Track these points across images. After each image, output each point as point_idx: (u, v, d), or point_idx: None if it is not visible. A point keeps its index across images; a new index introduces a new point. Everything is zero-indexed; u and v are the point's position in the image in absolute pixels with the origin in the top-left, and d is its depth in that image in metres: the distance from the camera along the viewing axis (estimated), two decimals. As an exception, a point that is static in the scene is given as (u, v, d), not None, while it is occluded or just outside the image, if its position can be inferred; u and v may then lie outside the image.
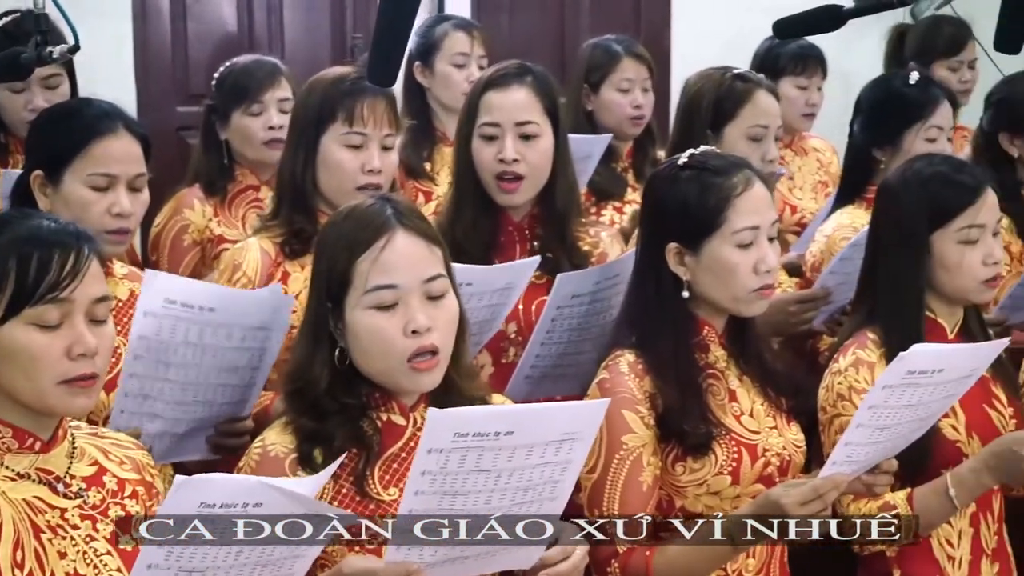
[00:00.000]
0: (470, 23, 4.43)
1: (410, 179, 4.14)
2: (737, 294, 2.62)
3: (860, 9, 3.44)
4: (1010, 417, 2.89)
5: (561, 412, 2.14)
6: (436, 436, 1.99)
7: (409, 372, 2.27)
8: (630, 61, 4.27)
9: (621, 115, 4.24)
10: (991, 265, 2.84)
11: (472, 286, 2.78)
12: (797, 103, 4.52)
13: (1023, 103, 3.93)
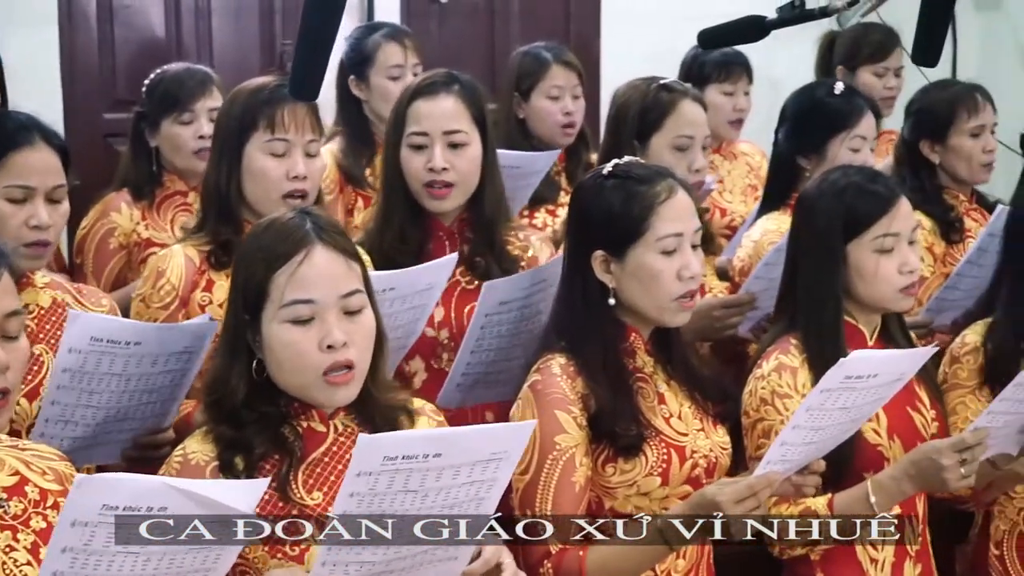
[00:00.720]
0: (401, 32, 4.41)
1: (349, 185, 4.14)
2: (661, 301, 2.65)
3: (782, 20, 3.47)
4: (932, 420, 2.94)
5: (490, 433, 2.17)
6: (366, 460, 2.01)
7: (324, 386, 2.29)
8: (559, 68, 4.29)
9: (552, 123, 4.25)
10: (906, 273, 2.88)
11: (395, 290, 2.81)
12: (724, 110, 4.57)
13: (941, 111, 3.99)
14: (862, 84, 4.74)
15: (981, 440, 2.67)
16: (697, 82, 4.54)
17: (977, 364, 3.06)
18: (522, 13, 5.35)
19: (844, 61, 4.92)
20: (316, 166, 3.05)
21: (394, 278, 2.81)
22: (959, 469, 2.65)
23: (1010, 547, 3.15)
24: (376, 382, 2.38)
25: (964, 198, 4.02)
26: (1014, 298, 3.12)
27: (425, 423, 2.45)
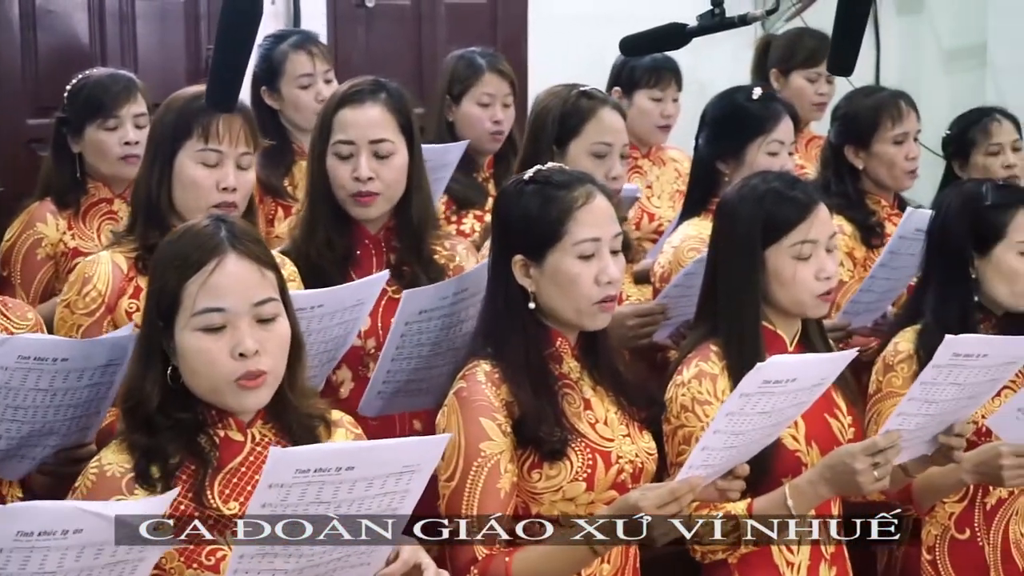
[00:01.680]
0: (308, 40, 4.41)
1: (269, 196, 4.13)
2: (579, 305, 2.66)
3: (703, 28, 3.50)
4: (849, 425, 2.97)
5: (403, 447, 2.18)
6: (278, 472, 2.02)
7: (236, 391, 2.30)
8: (492, 76, 4.30)
9: (480, 129, 4.27)
10: (824, 280, 2.90)
11: (323, 307, 2.81)
12: (652, 115, 4.59)
13: (865, 118, 4.03)
14: (795, 88, 4.80)
15: (893, 443, 2.71)
16: (627, 87, 4.58)
17: (911, 371, 3.09)
18: (449, 17, 5.35)
19: (778, 64, 4.98)
20: (247, 178, 3.03)
21: (323, 296, 2.82)
22: (872, 472, 2.68)
23: (942, 552, 3.19)
24: (294, 391, 2.39)
25: (886, 203, 4.07)
26: (941, 303, 3.17)
27: (343, 435, 2.46)
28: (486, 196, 4.17)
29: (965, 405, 2.85)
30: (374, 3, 5.15)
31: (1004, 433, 2.92)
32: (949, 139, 4.38)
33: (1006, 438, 2.92)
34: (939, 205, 3.30)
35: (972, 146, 4.30)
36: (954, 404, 2.82)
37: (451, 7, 5.35)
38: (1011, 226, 3.17)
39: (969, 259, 3.18)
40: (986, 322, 3.14)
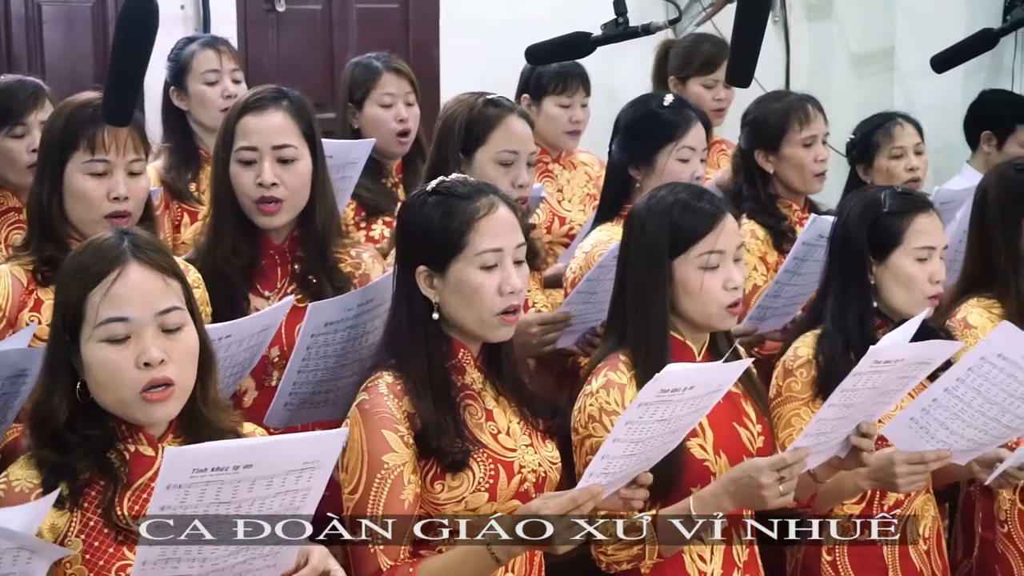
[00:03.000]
0: (216, 39, 4.43)
1: (175, 201, 4.10)
2: (483, 316, 2.67)
3: (607, 37, 3.54)
4: (759, 434, 2.99)
5: (300, 443, 2.16)
6: (174, 473, 2.01)
7: (142, 404, 2.28)
8: (390, 76, 4.30)
9: (386, 131, 4.26)
10: (731, 290, 2.92)
11: (231, 337, 2.81)
12: (560, 121, 4.60)
13: (774, 122, 4.07)
14: (692, 95, 4.82)
15: (800, 459, 2.73)
16: (535, 94, 4.59)
17: (810, 376, 3.12)
18: (360, 21, 5.34)
19: (676, 72, 5.00)
20: (140, 185, 3.02)
21: (230, 327, 2.83)
22: (777, 487, 2.70)
23: (842, 552, 3.23)
24: (207, 403, 2.37)
25: (797, 207, 4.11)
26: (841, 308, 3.20)
27: None
28: (395, 202, 4.16)
29: (877, 403, 2.89)
30: (284, 7, 5.14)
31: (898, 441, 2.96)
32: (853, 143, 4.43)
33: (899, 446, 2.96)
34: (839, 212, 3.33)
35: (876, 150, 4.35)
36: (868, 406, 2.85)
37: (362, 11, 5.34)
38: (908, 233, 3.21)
39: (868, 265, 3.21)
40: (884, 327, 3.17)
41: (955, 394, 2.89)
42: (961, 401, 2.90)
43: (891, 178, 4.30)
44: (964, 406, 2.91)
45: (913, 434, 2.95)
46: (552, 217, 4.43)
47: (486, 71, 5.26)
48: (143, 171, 3.03)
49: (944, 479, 3.33)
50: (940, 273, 3.24)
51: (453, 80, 5.35)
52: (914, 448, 2.95)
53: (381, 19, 5.40)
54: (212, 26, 5.06)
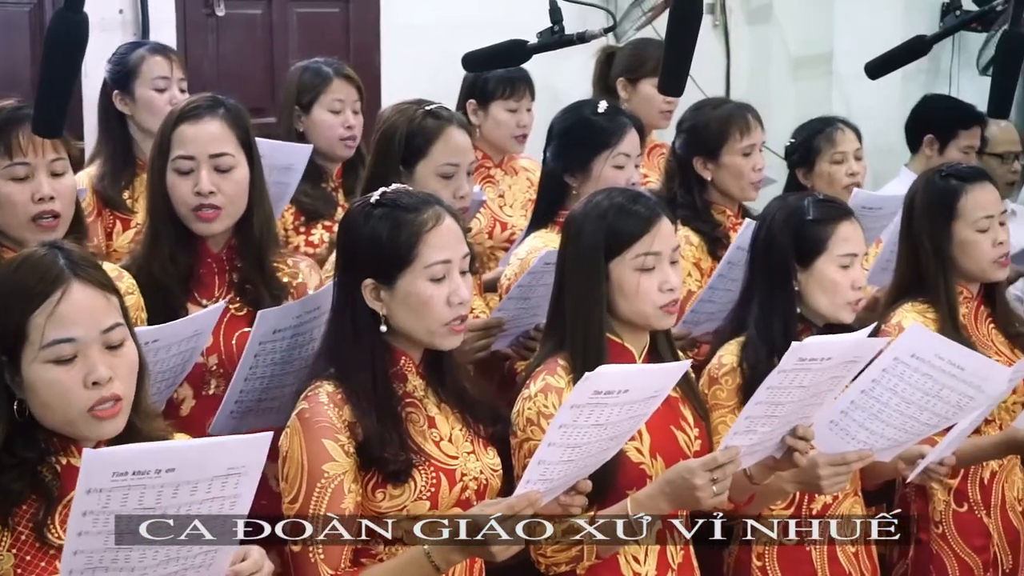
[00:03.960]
0: (166, 47, 4.42)
1: (107, 209, 4.08)
2: (432, 327, 2.68)
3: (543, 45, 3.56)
4: (696, 438, 3.02)
5: (224, 447, 2.14)
6: (94, 476, 1.99)
7: (91, 421, 2.26)
8: (340, 82, 4.32)
9: (332, 136, 4.28)
10: (667, 291, 2.94)
11: (158, 342, 2.80)
12: (508, 125, 4.61)
13: (713, 130, 4.09)
14: (643, 97, 4.84)
15: (732, 458, 2.75)
16: (481, 99, 4.60)
17: (735, 384, 3.15)
18: (301, 26, 5.32)
19: (625, 73, 4.99)
20: (65, 184, 3.00)
21: (157, 332, 2.82)
22: (711, 487, 2.72)
23: (771, 557, 3.26)
24: (139, 413, 2.36)
25: (731, 213, 4.13)
26: (765, 315, 3.23)
27: None
28: (335, 207, 4.17)
29: (810, 403, 2.91)
30: (224, 12, 5.12)
31: (820, 444, 2.98)
32: (793, 147, 4.44)
33: (821, 448, 2.99)
34: (762, 219, 3.35)
35: (816, 154, 4.37)
36: (799, 406, 2.88)
37: (302, 16, 5.32)
38: (832, 240, 3.24)
39: (792, 272, 3.24)
40: (807, 333, 3.21)
41: (872, 395, 2.93)
42: (878, 402, 2.94)
43: (832, 182, 4.33)
44: (882, 406, 2.95)
45: (834, 436, 2.98)
46: (493, 222, 4.44)
47: (428, 76, 5.26)
48: (66, 170, 3.01)
49: (874, 479, 3.37)
50: (861, 279, 3.29)
51: (395, 85, 5.35)
52: (836, 450, 2.99)
53: (321, 24, 5.38)
54: (151, 30, 5.02)
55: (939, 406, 2.96)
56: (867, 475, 3.33)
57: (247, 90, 5.02)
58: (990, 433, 3.56)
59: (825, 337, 3.00)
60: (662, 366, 2.84)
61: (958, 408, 2.99)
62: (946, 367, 2.91)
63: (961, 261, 3.61)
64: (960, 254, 3.61)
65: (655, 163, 4.80)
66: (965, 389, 2.95)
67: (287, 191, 3.86)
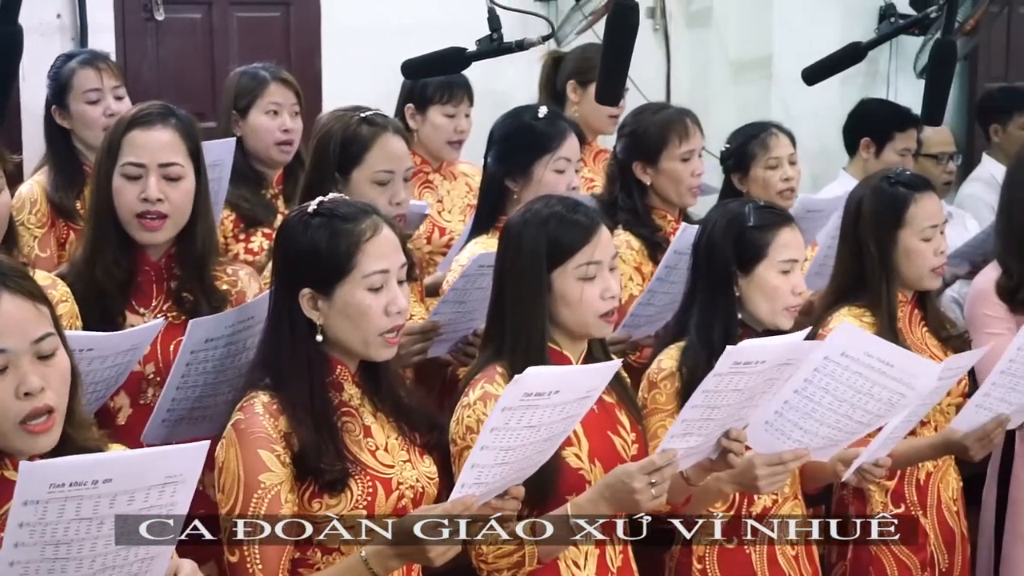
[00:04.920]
0: (96, 56, 4.38)
1: (61, 219, 4.07)
2: (369, 336, 2.69)
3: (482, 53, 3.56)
4: (633, 442, 3.03)
5: (161, 456, 2.15)
6: (31, 488, 1.99)
7: (23, 435, 2.24)
8: (277, 86, 4.32)
9: (269, 140, 4.28)
10: (608, 299, 2.96)
11: (93, 351, 2.79)
12: (446, 131, 4.60)
13: (653, 135, 4.12)
14: (592, 99, 4.84)
15: (670, 461, 2.78)
16: (420, 104, 4.60)
17: (674, 388, 3.17)
18: (241, 29, 5.30)
19: (575, 76, 5.01)
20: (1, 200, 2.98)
21: (94, 340, 2.81)
22: (650, 490, 2.74)
23: (711, 560, 3.29)
24: (72, 423, 2.34)
25: (672, 218, 4.16)
26: (706, 320, 3.25)
27: None
28: (275, 214, 4.17)
29: (746, 406, 2.94)
30: (164, 16, 5.09)
31: (755, 445, 3.01)
32: (728, 153, 4.47)
33: (758, 449, 3.01)
34: (703, 225, 3.38)
35: (751, 160, 4.40)
36: (735, 408, 2.90)
37: (243, 20, 5.30)
38: (772, 246, 3.27)
39: (733, 278, 3.27)
40: (747, 338, 3.21)
41: (805, 395, 2.97)
42: (811, 401, 2.97)
43: (767, 187, 4.36)
44: (815, 406, 2.98)
45: (769, 437, 3.02)
46: (432, 227, 4.44)
47: (369, 80, 5.25)
48: (2, 187, 2.98)
49: (814, 482, 3.40)
50: (801, 285, 3.32)
51: (335, 89, 5.34)
52: (772, 450, 3.01)
53: (262, 28, 5.36)
54: (90, 35, 4.99)
55: (871, 404, 3.00)
56: (807, 478, 3.36)
57: (187, 95, 5.00)
58: (925, 435, 3.61)
59: (759, 340, 3.03)
60: (592, 366, 2.85)
61: (890, 406, 3.02)
62: (876, 364, 2.95)
63: (903, 268, 3.65)
64: (903, 261, 3.64)
65: (600, 168, 4.81)
66: (896, 386, 2.99)
67: (220, 186, 3.84)
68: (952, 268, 4.43)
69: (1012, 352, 3.32)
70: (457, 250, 3.94)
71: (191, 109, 3.31)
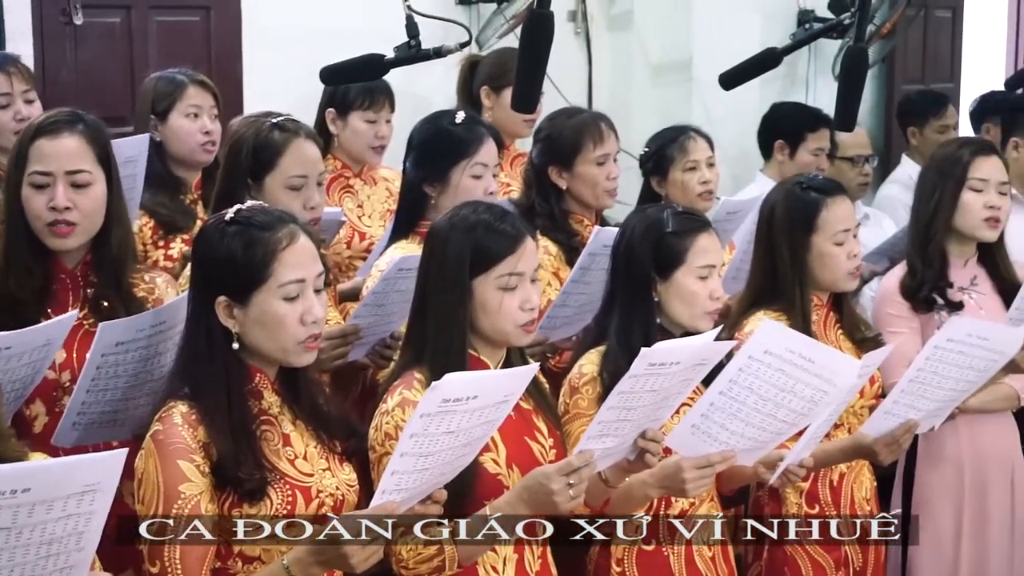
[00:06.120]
0: (6, 60, 4.36)
1: None
2: (286, 345, 2.70)
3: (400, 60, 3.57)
4: (550, 448, 3.06)
5: (79, 465, 2.15)
6: None
7: None
8: (195, 88, 4.31)
9: (191, 142, 4.26)
10: (528, 310, 2.98)
11: (11, 349, 2.78)
12: (366, 136, 4.59)
13: (568, 140, 4.14)
14: (505, 105, 4.84)
15: (587, 462, 2.81)
16: (341, 108, 4.59)
17: (596, 393, 3.18)
18: (160, 33, 5.25)
19: (489, 81, 5.01)
20: None
21: (10, 338, 2.79)
22: (568, 492, 2.77)
23: (630, 561, 3.32)
24: None
25: (589, 222, 4.17)
26: (624, 325, 3.28)
27: None
28: (194, 219, 4.15)
29: (661, 406, 2.98)
30: (82, 20, 5.04)
31: (683, 449, 3.05)
32: (647, 156, 4.51)
33: (685, 453, 3.05)
34: (622, 231, 3.40)
35: (670, 163, 4.44)
36: (651, 409, 2.94)
37: (163, 24, 5.26)
38: (691, 252, 3.30)
39: (652, 283, 3.30)
40: None
41: (730, 395, 3.00)
42: (736, 401, 3.01)
43: (685, 191, 4.41)
44: (740, 406, 3.02)
45: (696, 440, 3.05)
46: (352, 232, 4.45)
47: (290, 84, 5.24)
48: None
49: (731, 484, 3.44)
50: (719, 290, 3.35)
51: (257, 93, 5.32)
52: (699, 453, 3.05)
53: (182, 32, 5.32)
54: (7, 39, 4.94)
55: (794, 402, 3.03)
56: (724, 480, 3.39)
57: (107, 99, 4.97)
58: (839, 437, 3.66)
59: (673, 341, 3.06)
60: (509, 371, 2.87)
61: (813, 403, 3.06)
62: (797, 360, 2.99)
63: (817, 272, 3.70)
64: (817, 265, 3.69)
65: (518, 172, 4.83)
66: (818, 383, 3.03)
67: (135, 183, 3.81)
68: (871, 265, 4.49)
69: (920, 361, 3.37)
70: (377, 255, 3.94)
71: (110, 113, 3.31)
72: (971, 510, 4.09)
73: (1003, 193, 4.04)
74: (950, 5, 7.40)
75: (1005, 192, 4.05)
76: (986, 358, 3.45)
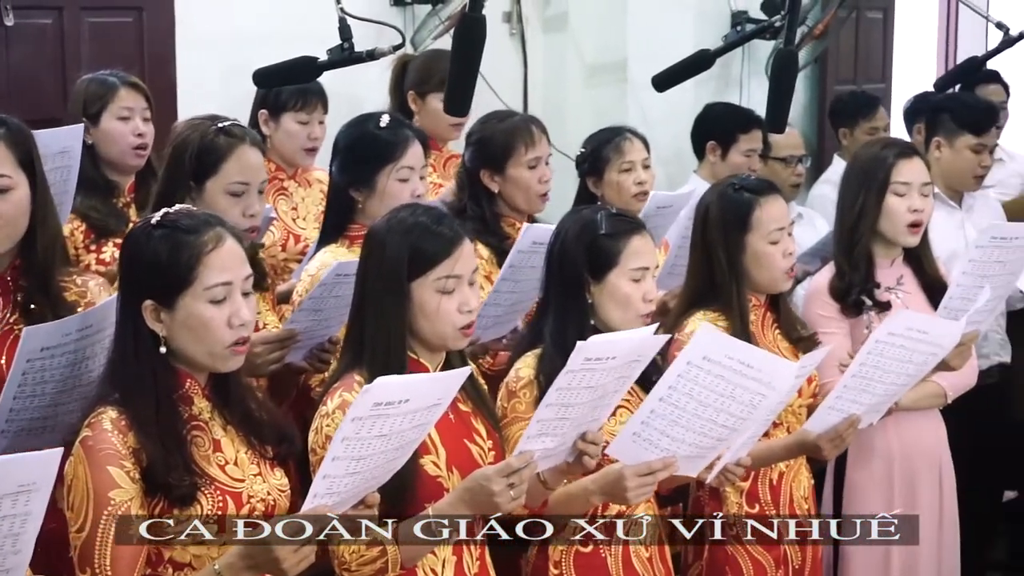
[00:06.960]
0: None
1: None
2: (213, 348, 2.68)
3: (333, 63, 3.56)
4: (489, 450, 3.06)
5: (12, 464, 2.13)
6: None
7: None
8: (127, 90, 4.28)
9: (124, 145, 4.23)
10: (466, 313, 2.98)
11: None
12: (299, 138, 4.58)
13: (499, 143, 4.15)
14: (431, 110, 4.84)
15: (527, 463, 2.81)
16: (274, 110, 4.58)
17: (533, 396, 3.18)
18: (92, 35, 5.19)
19: (414, 87, 4.98)
20: None
21: None
22: (508, 492, 2.78)
23: (568, 563, 3.32)
24: None
25: (520, 226, 4.17)
26: (559, 327, 3.28)
27: None
28: (126, 223, 4.10)
29: (599, 405, 2.99)
30: (13, 21, 4.98)
31: (624, 457, 3.06)
32: (583, 157, 4.52)
33: (626, 461, 3.06)
34: (556, 231, 3.40)
35: (605, 164, 4.46)
36: (589, 407, 2.94)
37: (94, 25, 5.20)
38: (624, 254, 3.30)
39: (585, 285, 3.31)
40: None
41: (670, 402, 3.01)
42: (677, 408, 3.02)
43: (620, 191, 4.42)
44: (680, 412, 3.03)
45: (638, 447, 3.05)
46: (287, 235, 4.43)
47: (224, 86, 5.21)
48: None
49: (668, 483, 3.44)
50: (653, 292, 3.36)
51: (190, 95, 5.27)
52: (640, 460, 3.05)
53: (114, 33, 5.26)
54: (-65, 43, 4.90)
55: (734, 406, 3.04)
56: (666, 479, 3.40)
57: (39, 101, 4.94)
58: (778, 436, 3.68)
59: (609, 335, 3.07)
60: (442, 374, 2.87)
61: (752, 407, 3.07)
62: (736, 366, 3.00)
63: (753, 272, 3.72)
64: (753, 265, 3.71)
65: (451, 173, 4.82)
66: (756, 387, 3.04)
67: (71, 175, 3.76)
68: (804, 266, 4.52)
69: (862, 355, 3.41)
70: (308, 260, 3.92)
71: (43, 115, 3.26)
72: (901, 505, 4.13)
73: (925, 195, 4.07)
74: (882, 6, 7.46)
75: (927, 194, 4.08)
76: (925, 352, 3.50)
